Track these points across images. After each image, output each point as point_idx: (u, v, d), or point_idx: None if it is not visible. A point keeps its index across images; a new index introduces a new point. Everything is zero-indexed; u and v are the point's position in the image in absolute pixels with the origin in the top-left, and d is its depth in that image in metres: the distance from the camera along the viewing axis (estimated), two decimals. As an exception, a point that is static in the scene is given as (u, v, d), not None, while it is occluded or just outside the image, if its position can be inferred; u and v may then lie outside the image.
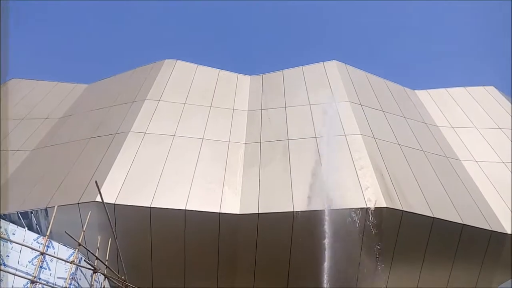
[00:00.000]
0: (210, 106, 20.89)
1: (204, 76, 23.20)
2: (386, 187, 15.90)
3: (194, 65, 23.84)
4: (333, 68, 23.07)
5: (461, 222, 15.61)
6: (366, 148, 17.52)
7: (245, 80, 23.81)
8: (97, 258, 13.25)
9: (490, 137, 21.39)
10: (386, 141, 18.77)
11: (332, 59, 23.79)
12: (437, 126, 22.29)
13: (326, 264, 15.01)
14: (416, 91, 25.45)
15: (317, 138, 18.28)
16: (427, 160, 18.75)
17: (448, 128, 22.17)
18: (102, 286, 13.17)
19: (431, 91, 25.43)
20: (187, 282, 16.24)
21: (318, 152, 17.55)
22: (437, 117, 23.10)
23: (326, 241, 14.89)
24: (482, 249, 15.90)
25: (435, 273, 15.95)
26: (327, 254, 14.97)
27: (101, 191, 13.06)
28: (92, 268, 13.03)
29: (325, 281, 15.07)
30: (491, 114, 23.07)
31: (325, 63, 23.54)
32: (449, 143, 21.04)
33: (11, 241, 11.56)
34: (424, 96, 24.99)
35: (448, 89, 25.43)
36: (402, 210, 15.11)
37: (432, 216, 15.43)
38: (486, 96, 24.72)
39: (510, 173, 18.95)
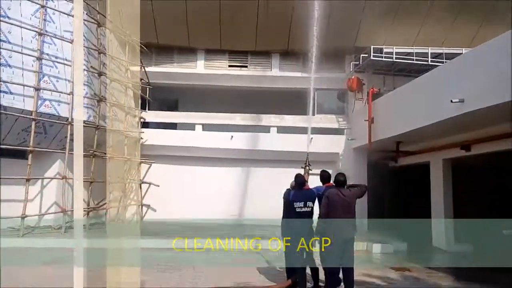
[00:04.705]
0: None
1: None
2: None
3: None
4: None
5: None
6: None
7: None
8: (99, 13, 13.28)
9: None
10: None
11: None
12: None
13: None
14: None
15: None
16: None
17: None
18: (109, 40, 13.63)
19: None
20: (191, 41, 16.69)
21: None
22: None
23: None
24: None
25: (435, 27, 15.87)
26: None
27: None
28: (96, 22, 13.25)
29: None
30: None
31: None
32: None
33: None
34: None
35: None
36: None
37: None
38: None
39: None
